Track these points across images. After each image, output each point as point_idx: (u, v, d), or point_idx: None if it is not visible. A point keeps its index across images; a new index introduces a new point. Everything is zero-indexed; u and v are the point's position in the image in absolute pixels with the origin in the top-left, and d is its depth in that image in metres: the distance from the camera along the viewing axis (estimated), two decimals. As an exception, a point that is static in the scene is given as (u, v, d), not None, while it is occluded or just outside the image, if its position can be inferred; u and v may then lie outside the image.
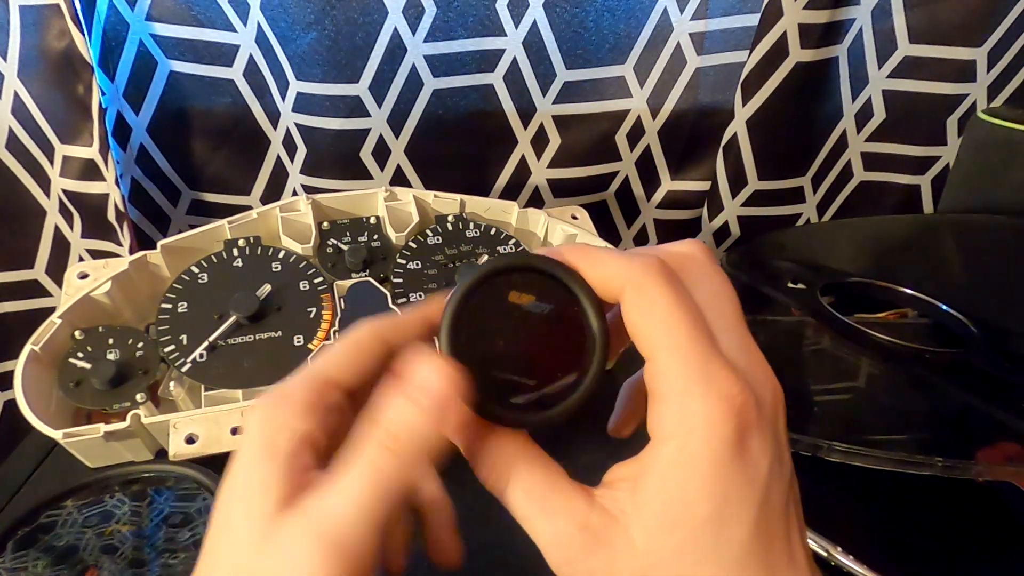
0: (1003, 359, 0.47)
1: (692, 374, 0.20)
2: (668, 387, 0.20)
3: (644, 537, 0.20)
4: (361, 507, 0.19)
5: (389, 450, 0.20)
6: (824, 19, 0.54)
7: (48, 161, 0.56)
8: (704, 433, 0.19)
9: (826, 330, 0.53)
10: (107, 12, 0.53)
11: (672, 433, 0.20)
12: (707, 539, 0.19)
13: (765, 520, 0.20)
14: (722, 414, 0.19)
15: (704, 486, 0.19)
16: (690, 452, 0.19)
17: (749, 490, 0.19)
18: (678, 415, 0.20)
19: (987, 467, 0.40)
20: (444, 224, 0.53)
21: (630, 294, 0.21)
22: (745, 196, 0.63)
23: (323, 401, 0.22)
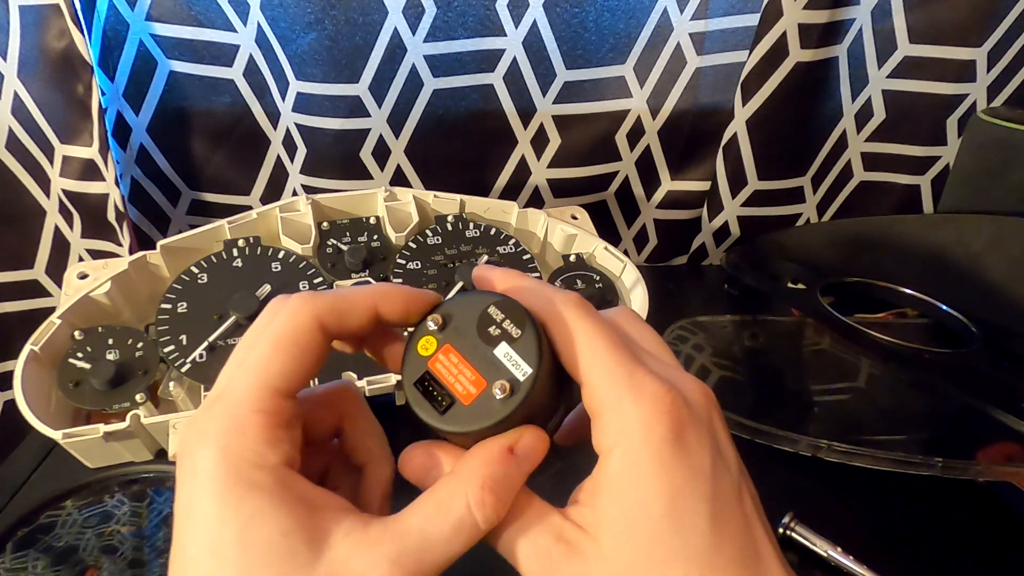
0: (1003, 359, 0.47)
1: (621, 386, 0.21)
2: (602, 403, 0.21)
3: (612, 545, 0.20)
4: (451, 556, 0.20)
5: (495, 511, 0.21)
6: (824, 19, 0.54)
7: (48, 161, 0.56)
8: (642, 435, 0.20)
9: (826, 330, 0.53)
10: (107, 12, 0.53)
11: (614, 443, 0.21)
12: (668, 536, 0.20)
13: (720, 511, 0.20)
14: (655, 415, 0.20)
15: (653, 484, 0.20)
16: (633, 456, 0.20)
17: (697, 482, 0.20)
18: (615, 425, 0.21)
19: (987, 467, 0.40)
20: (444, 224, 0.53)
21: (553, 326, 0.22)
22: (745, 196, 0.63)
23: (279, 417, 0.20)
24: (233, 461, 0.19)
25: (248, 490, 0.19)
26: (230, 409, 0.20)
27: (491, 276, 0.25)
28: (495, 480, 0.21)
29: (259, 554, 0.19)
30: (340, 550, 0.19)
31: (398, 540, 0.20)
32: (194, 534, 0.19)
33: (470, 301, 0.23)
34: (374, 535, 0.20)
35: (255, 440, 0.20)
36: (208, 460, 0.19)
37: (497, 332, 0.22)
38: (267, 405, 0.20)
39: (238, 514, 0.19)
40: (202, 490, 0.19)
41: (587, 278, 0.51)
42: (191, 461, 0.20)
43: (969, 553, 0.40)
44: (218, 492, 0.19)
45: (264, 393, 0.20)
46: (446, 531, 0.20)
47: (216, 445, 0.19)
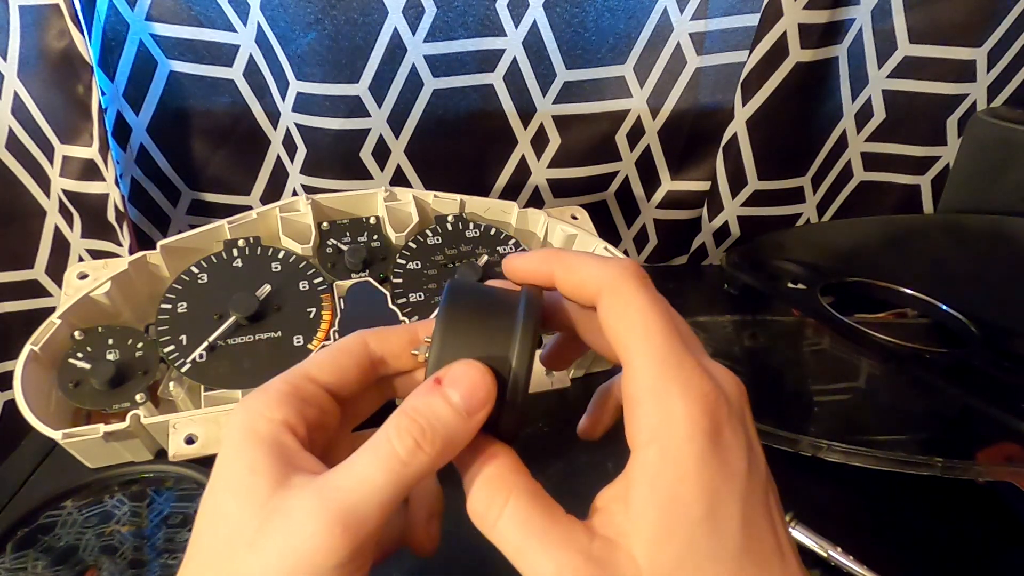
0: (1003, 359, 0.47)
1: (669, 376, 0.20)
2: (646, 391, 0.20)
3: (645, 552, 0.19)
4: (376, 489, 0.20)
5: (416, 441, 0.20)
6: (824, 19, 0.54)
7: (48, 161, 0.56)
8: (686, 432, 0.19)
9: (826, 330, 0.53)
10: (107, 12, 0.53)
11: (654, 436, 0.20)
12: (704, 539, 0.19)
13: (751, 513, 0.20)
14: (701, 412, 0.19)
15: (694, 485, 0.19)
16: (675, 453, 0.19)
17: (732, 484, 0.20)
18: (658, 417, 0.20)
19: (987, 467, 0.40)
20: (444, 224, 0.53)
21: (607, 298, 0.21)
22: (745, 196, 0.63)
23: (298, 392, 0.22)
24: (248, 412, 0.22)
25: (246, 435, 0.21)
26: (268, 383, 0.23)
27: (525, 264, 0.24)
28: (416, 409, 0.20)
29: (229, 484, 0.21)
30: (291, 492, 0.20)
31: (329, 488, 0.20)
32: (212, 474, 0.21)
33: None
34: (319, 479, 0.20)
35: (269, 398, 0.22)
36: (234, 414, 0.22)
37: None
38: (291, 380, 0.22)
39: (228, 454, 0.21)
40: (223, 440, 0.22)
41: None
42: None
43: (969, 553, 0.40)
44: (226, 439, 0.21)
45: (296, 374, 0.23)
46: (373, 469, 0.20)
47: (243, 404, 0.22)
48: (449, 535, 0.41)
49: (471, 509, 0.21)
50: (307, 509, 0.19)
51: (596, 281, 0.21)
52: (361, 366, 0.24)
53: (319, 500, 0.19)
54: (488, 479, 0.21)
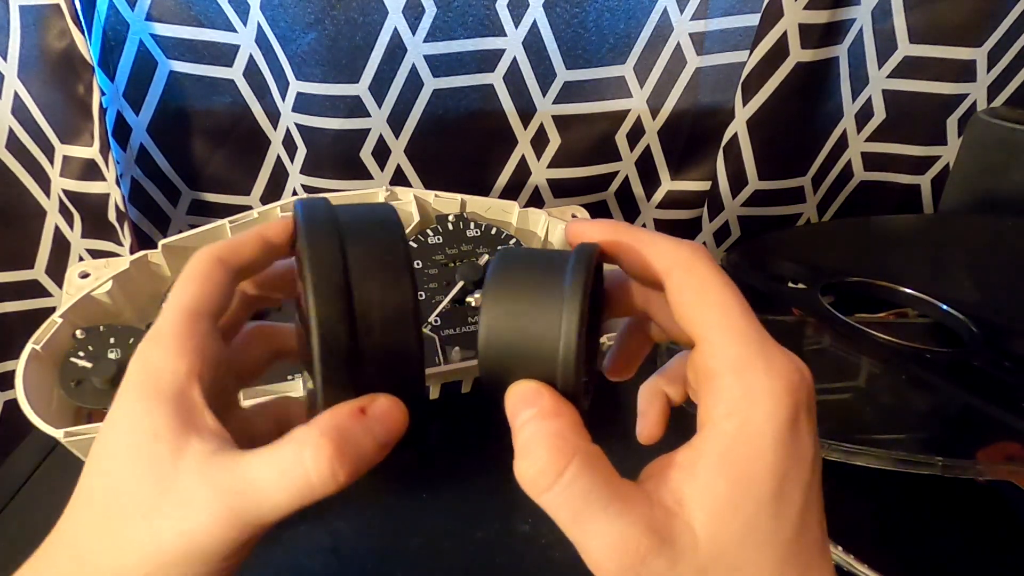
0: (1003, 359, 0.47)
1: (752, 351, 0.20)
2: (727, 364, 0.20)
3: (707, 524, 0.19)
4: (278, 506, 0.19)
5: (332, 471, 0.19)
6: (824, 19, 0.54)
7: (48, 161, 0.56)
8: (768, 408, 0.19)
9: (826, 330, 0.53)
10: (107, 12, 0.53)
11: (734, 409, 0.19)
12: (767, 519, 0.19)
13: (809, 502, 0.20)
14: (785, 391, 0.19)
15: (768, 463, 0.19)
16: (754, 428, 0.19)
17: (800, 469, 0.19)
18: (740, 390, 0.19)
19: (987, 467, 0.40)
20: (445, 224, 0.53)
21: (679, 275, 0.21)
22: (745, 196, 0.63)
23: (196, 333, 0.22)
24: (147, 368, 0.21)
25: (147, 393, 0.21)
26: (154, 329, 0.22)
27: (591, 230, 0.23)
28: (343, 438, 0.19)
29: (128, 451, 0.20)
30: (188, 467, 0.20)
31: (234, 479, 0.19)
32: (104, 427, 0.21)
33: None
34: (217, 464, 0.20)
35: (171, 347, 0.21)
36: (131, 369, 0.22)
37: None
38: (180, 322, 0.22)
39: (130, 413, 0.21)
40: (121, 393, 0.21)
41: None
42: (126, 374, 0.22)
43: (969, 553, 0.40)
44: (125, 393, 0.21)
45: (177, 314, 0.22)
46: (281, 485, 0.19)
47: (139, 357, 0.22)
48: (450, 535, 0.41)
49: (523, 470, 0.19)
50: (207, 501, 0.19)
51: (669, 257, 0.21)
52: (224, 283, 0.23)
53: (221, 499, 0.19)
54: (550, 438, 0.19)
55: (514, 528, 0.40)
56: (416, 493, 0.42)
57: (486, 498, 0.42)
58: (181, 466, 0.20)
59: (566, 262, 0.21)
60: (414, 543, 0.39)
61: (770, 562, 0.19)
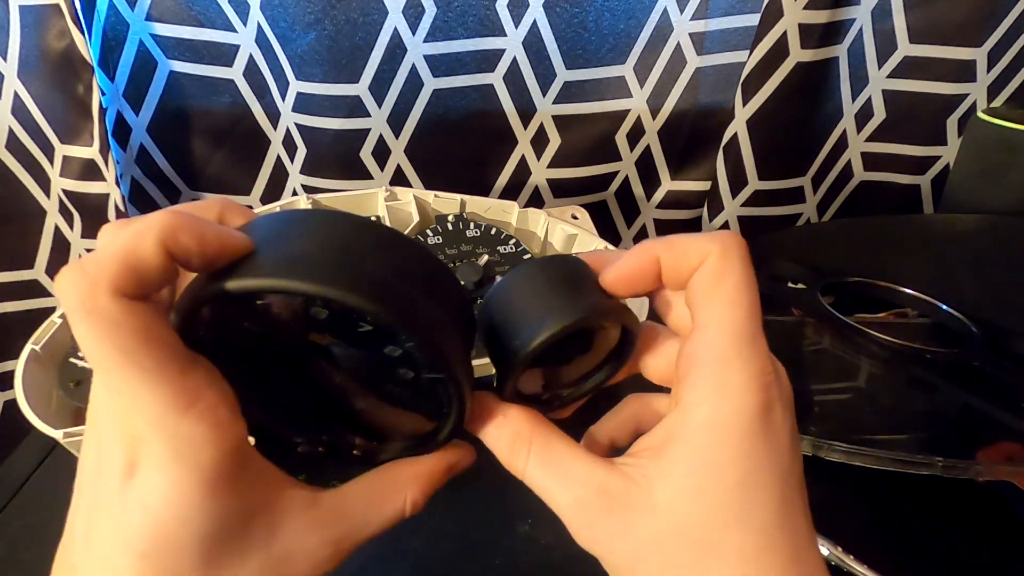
0: (1003, 359, 0.47)
1: (739, 348, 0.21)
2: (711, 356, 0.21)
3: (668, 500, 0.20)
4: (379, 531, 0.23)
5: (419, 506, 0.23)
6: (824, 19, 0.54)
7: (48, 161, 0.56)
8: (737, 402, 0.20)
9: (826, 330, 0.53)
10: (107, 12, 0.53)
11: (705, 399, 0.20)
12: (735, 504, 0.20)
13: (789, 491, 0.21)
14: (758, 386, 0.20)
15: (735, 451, 0.20)
16: (723, 419, 0.20)
17: (775, 460, 0.20)
18: (714, 381, 0.20)
19: (987, 467, 0.40)
20: (444, 224, 0.52)
21: (713, 260, 0.21)
22: (745, 196, 0.63)
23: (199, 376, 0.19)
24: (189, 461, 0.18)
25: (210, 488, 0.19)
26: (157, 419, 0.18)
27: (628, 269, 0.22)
28: (432, 489, 0.23)
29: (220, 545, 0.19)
30: (294, 527, 0.20)
31: (343, 519, 0.21)
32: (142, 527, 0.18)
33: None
34: (323, 513, 0.21)
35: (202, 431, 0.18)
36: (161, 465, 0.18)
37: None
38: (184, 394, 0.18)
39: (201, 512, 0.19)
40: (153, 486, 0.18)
41: (587, 278, 0.51)
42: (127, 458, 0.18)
43: (969, 553, 0.40)
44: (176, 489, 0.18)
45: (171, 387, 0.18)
46: (381, 518, 0.22)
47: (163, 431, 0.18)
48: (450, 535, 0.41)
49: (504, 463, 0.23)
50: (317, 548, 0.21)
51: (705, 246, 0.21)
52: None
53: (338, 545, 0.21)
54: (511, 436, 0.22)
55: (514, 528, 0.40)
56: (416, 493, 0.42)
57: (486, 498, 0.41)
58: (286, 531, 0.20)
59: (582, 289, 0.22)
60: (414, 543, 0.39)
61: (750, 546, 0.20)
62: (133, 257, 0.18)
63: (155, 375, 0.18)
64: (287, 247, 0.19)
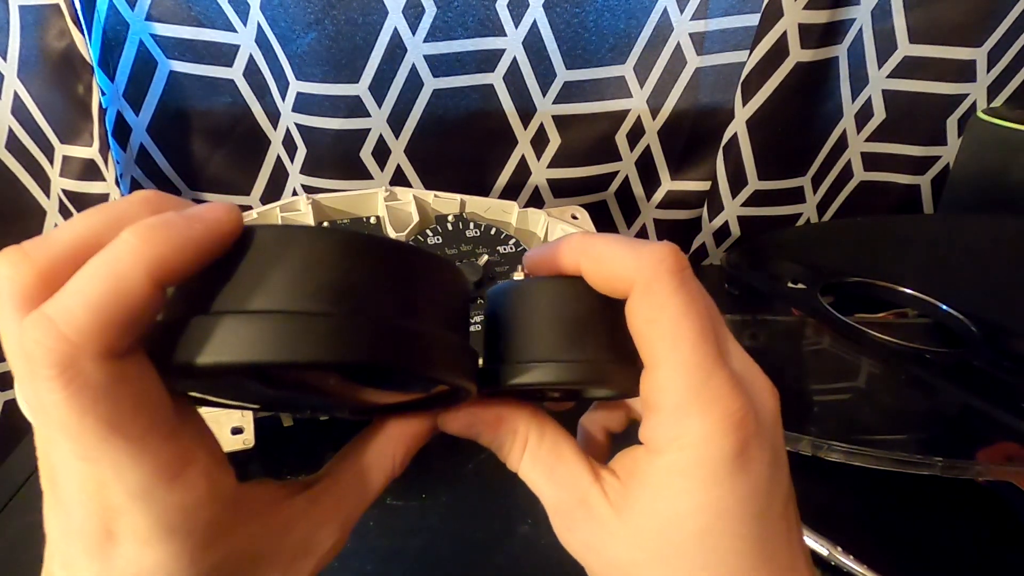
0: (1003, 359, 0.47)
1: (692, 390, 0.19)
2: (665, 400, 0.19)
3: (633, 533, 0.20)
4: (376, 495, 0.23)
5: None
6: (824, 19, 0.54)
7: (48, 161, 0.56)
8: (698, 452, 0.19)
9: (826, 330, 0.53)
10: (107, 12, 0.53)
11: (664, 448, 0.19)
12: (695, 552, 0.19)
13: (765, 530, 0.19)
14: (722, 431, 0.18)
15: (695, 502, 0.19)
16: (681, 469, 0.19)
17: (748, 504, 0.19)
18: (672, 431, 0.19)
19: (987, 467, 0.40)
20: (444, 224, 0.52)
21: (637, 297, 0.19)
22: (745, 196, 0.63)
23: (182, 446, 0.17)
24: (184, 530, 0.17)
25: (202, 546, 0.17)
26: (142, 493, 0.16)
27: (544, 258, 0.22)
28: (418, 446, 0.23)
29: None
30: (302, 527, 0.20)
31: (342, 504, 0.21)
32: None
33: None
34: (325, 507, 0.21)
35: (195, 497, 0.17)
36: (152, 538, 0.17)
37: None
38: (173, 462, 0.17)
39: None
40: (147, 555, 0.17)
41: (587, 278, 0.51)
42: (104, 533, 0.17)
43: (969, 553, 0.40)
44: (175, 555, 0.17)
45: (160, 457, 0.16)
46: (378, 487, 0.22)
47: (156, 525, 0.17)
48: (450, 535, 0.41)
49: (494, 451, 0.23)
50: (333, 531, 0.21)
51: (628, 274, 0.19)
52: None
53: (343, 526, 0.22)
54: (508, 434, 0.22)
55: (514, 528, 0.40)
56: (416, 493, 0.42)
57: (486, 498, 0.41)
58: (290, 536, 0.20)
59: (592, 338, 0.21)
60: (414, 543, 0.39)
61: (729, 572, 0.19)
62: (121, 302, 0.15)
63: (141, 445, 0.15)
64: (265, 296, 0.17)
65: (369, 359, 0.17)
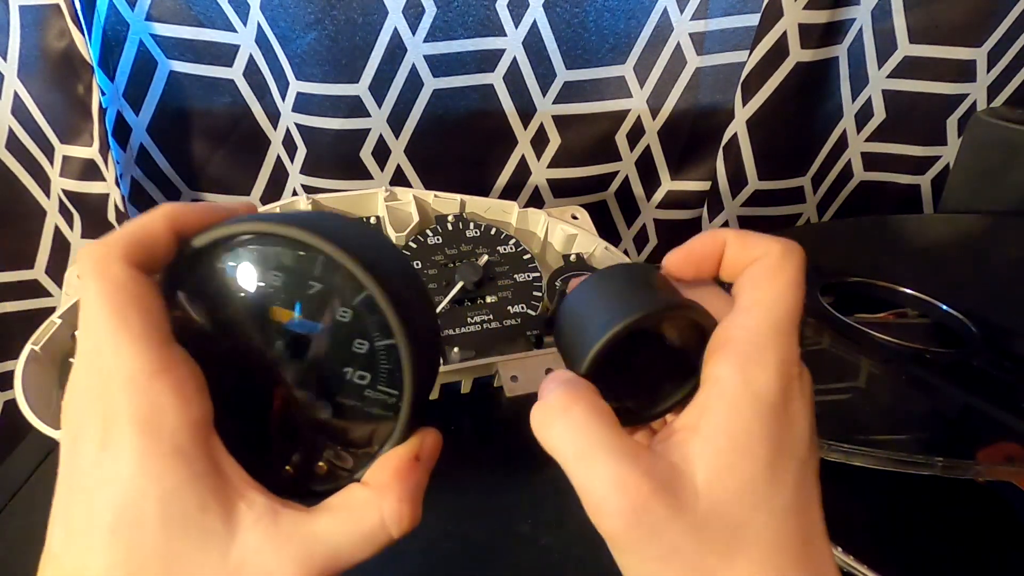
0: (1003, 359, 0.47)
1: (775, 336, 0.21)
2: (750, 336, 0.21)
3: (707, 480, 0.20)
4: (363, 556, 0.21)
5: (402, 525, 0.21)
6: (824, 19, 0.54)
7: (48, 161, 0.56)
8: (765, 380, 0.21)
9: (826, 330, 0.53)
10: (107, 12, 0.53)
11: (739, 371, 0.21)
12: (763, 483, 0.20)
13: (805, 478, 0.21)
14: (781, 373, 0.21)
15: (764, 427, 0.20)
16: (754, 391, 0.20)
17: (794, 444, 0.21)
18: (748, 359, 0.21)
19: (987, 467, 0.40)
20: (444, 224, 0.53)
21: (773, 256, 0.23)
22: (745, 196, 0.63)
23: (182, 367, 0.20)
24: (158, 419, 0.19)
25: (172, 459, 0.19)
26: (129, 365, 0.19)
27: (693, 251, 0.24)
28: (409, 492, 0.21)
29: (179, 529, 0.19)
30: (250, 537, 0.19)
31: (309, 542, 0.20)
32: (111, 499, 0.19)
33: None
34: (285, 531, 0.20)
35: (173, 395, 0.19)
36: (132, 414, 0.19)
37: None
38: (160, 356, 0.19)
39: (160, 485, 0.19)
40: (120, 455, 0.19)
41: (587, 278, 0.51)
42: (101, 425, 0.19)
43: (969, 553, 0.40)
44: (138, 459, 0.18)
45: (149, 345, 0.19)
46: (358, 541, 0.20)
47: (139, 398, 0.19)
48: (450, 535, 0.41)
49: (534, 413, 0.22)
50: (287, 569, 0.19)
51: (770, 244, 0.23)
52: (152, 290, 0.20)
53: (301, 564, 0.19)
54: (562, 385, 0.22)
55: (514, 528, 0.40)
56: (416, 493, 0.42)
57: (486, 498, 0.41)
58: (242, 539, 0.19)
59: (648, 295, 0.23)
60: (414, 543, 0.39)
61: (769, 530, 0.20)
62: (143, 232, 0.21)
63: (138, 338, 0.19)
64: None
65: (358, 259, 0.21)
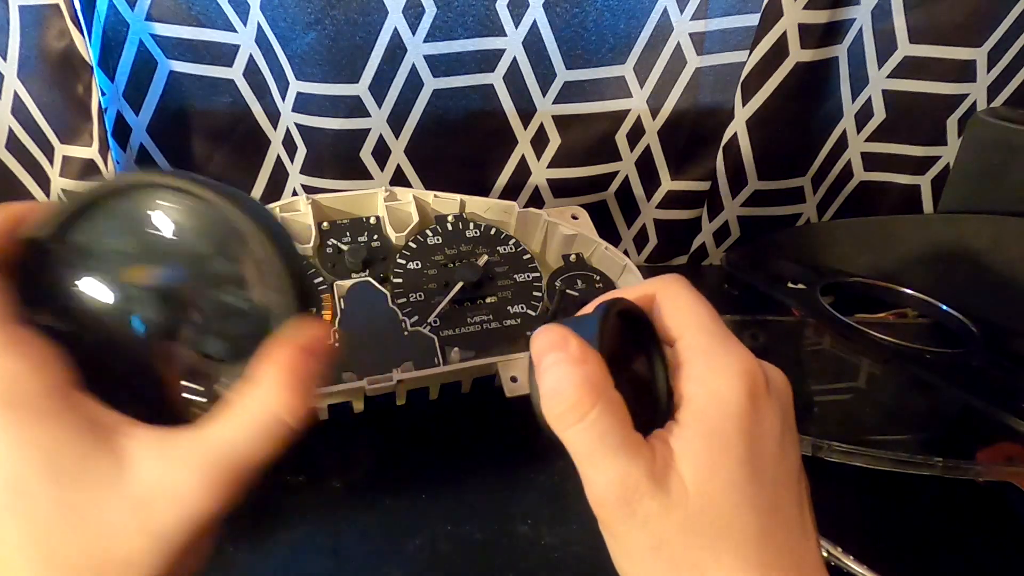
0: (1003, 359, 0.47)
1: (716, 343, 0.23)
2: (697, 351, 0.24)
3: (693, 479, 0.22)
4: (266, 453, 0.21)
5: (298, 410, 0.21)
6: (824, 19, 0.54)
7: (48, 161, 0.56)
8: (730, 381, 0.22)
9: (826, 330, 0.53)
10: (107, 12, 0.53)
11: (703, 382, 0.23)
12: (744, 480, 0.21)
13: (782, 480, 0.22)
14: (742, 372, 0.23)
15: (736, 424, 0.22)
16: (721, 395, 0.22)
17: (766, 441, 0.22)
18: (707, 368, 0.23)
19: (987, 467, 0.40)
20: (444, 224, 0.53)
21: (662, 295, 0.25)
22: (745, 196, 0.63)
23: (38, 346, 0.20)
24: (13, 397, 0.19)
25: (40, 424, 0.19)
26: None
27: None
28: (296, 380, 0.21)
29: (70, 483, 0.19)
30: (144, 466, 0.20)
31: (205, 450, 0.20)
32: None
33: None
34: (178, 450, 0.20)
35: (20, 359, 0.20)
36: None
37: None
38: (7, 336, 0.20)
39: (37, 449, 0.19)
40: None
41: (587, 278, 0.51)
42: None
43: (969, 553, 0.40)
44: (6, 431, 0.19)
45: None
46: (255, 437, 0.21)
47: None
48: (449, 535, 0.41)
49: (552, 407, 0.23)
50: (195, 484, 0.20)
51: (652, 287, 0.26)
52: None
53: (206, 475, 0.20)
54: (579, 381, 0.22)
55: (514, 528, 0.40)
56: (415, 494, 0.42)
57: (486, 499, 0.42)
58: (137, 470, 0.19)
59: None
60: (413, 544, 0.39)
61: (752, 527, 0.21)
62: None
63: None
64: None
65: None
